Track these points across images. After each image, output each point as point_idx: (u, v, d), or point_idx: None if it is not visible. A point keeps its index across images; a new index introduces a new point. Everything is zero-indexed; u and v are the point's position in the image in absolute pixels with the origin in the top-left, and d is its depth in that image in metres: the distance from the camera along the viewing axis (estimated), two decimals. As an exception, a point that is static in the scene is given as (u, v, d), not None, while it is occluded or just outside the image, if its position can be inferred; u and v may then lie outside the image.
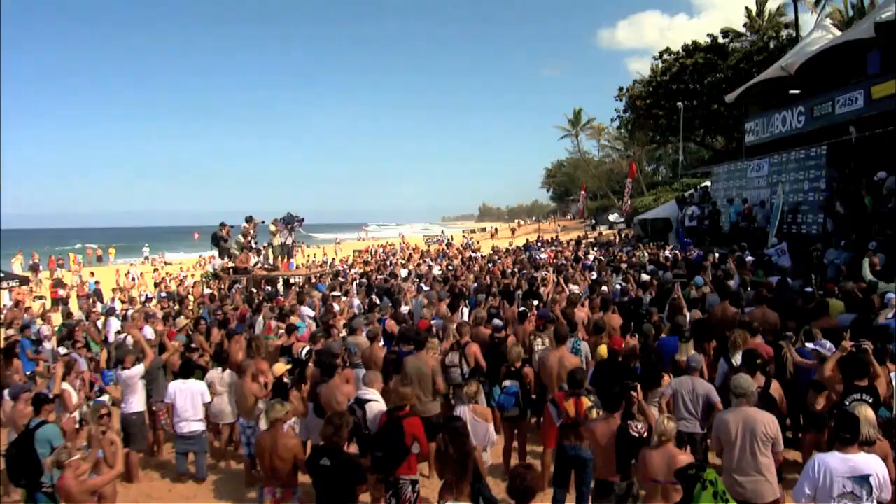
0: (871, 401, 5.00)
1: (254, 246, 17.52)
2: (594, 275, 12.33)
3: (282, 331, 9.13)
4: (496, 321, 8.36)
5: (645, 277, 11.02)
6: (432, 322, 9.37)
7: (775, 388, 5.49)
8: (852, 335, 6.73)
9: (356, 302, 12.96)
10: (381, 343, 8.47)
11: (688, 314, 8.20)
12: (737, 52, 27.45)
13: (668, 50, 29.81)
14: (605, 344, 6.82)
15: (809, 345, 6.03)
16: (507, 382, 6.76)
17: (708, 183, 23.68)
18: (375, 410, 5.94)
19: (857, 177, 13.90)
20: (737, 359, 6.34)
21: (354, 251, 35.74)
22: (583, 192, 49.37)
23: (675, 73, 28.32)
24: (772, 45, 26.51)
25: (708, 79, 27.72)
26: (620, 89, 31.90)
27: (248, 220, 17.99)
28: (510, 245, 25.80)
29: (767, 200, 17.18)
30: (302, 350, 7.74)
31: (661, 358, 6.99)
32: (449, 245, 30.33)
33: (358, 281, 16.36)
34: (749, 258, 12.97)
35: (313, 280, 17.59)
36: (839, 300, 8.33)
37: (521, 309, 9.03)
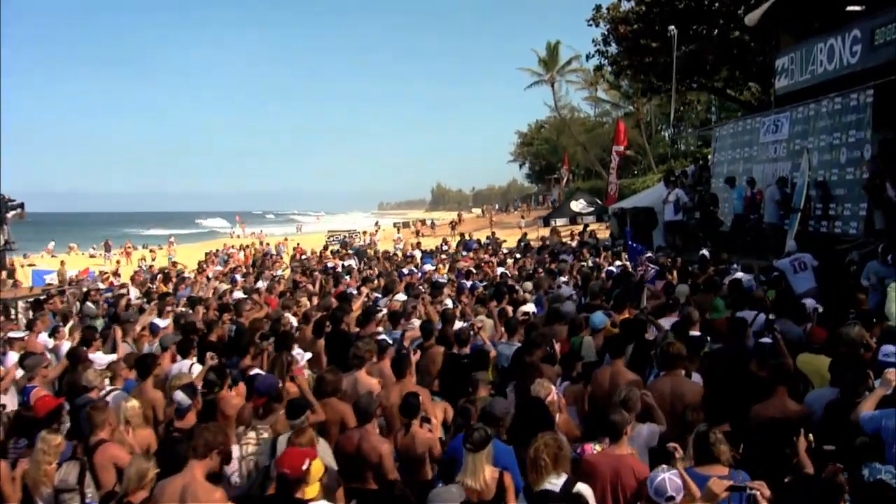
0: None
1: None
2: (448, 303, 11.19)
3: None
4: (178, 396, 6.79)
5: (529, 308, 9.84)
6: (110, 396, 7.83)
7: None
8: (822, 437, 5.80)
9: (65, 347, 11.18)
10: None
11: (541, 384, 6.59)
12: (774, -52, 26.42)
13: (671, -53, 28.56)
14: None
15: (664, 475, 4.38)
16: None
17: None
18: None
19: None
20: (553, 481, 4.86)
21: (208, 253, 34.62)
22: (565, 168, 48.46)
23: (679, -18, 27.09)
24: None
25: (729, -8, 26.66)
26: (597, 9, 30.44)
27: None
28: (416, 246, 24.51)
29: (788, 179, 16.38)
30: None
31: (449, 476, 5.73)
32: (325, 248, 28.84)
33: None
34: (736, 275, 12.14)
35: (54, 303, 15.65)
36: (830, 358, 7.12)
37: (255, 372, 7.46)
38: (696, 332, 8.40)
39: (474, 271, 15.75)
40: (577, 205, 28.04)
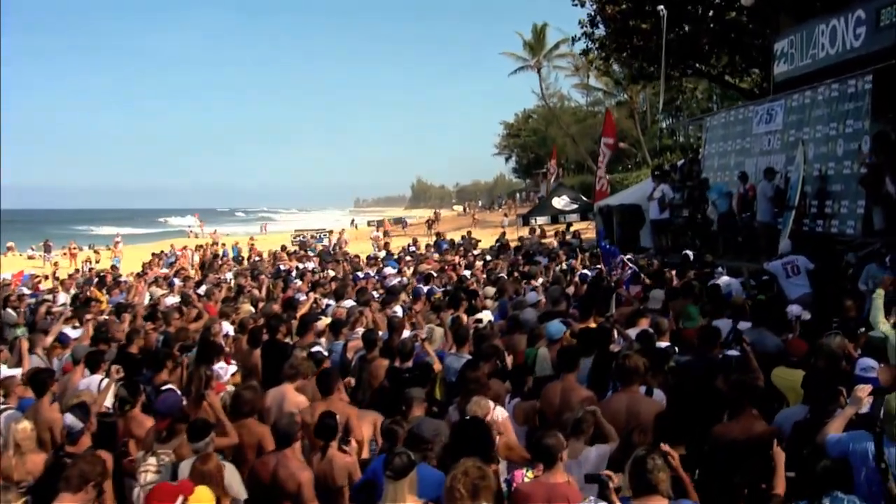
0: None
1: None
2: (398, 310, 11.30)
3: None
4: (69, 419, 6.61)
5: (485, 316, 10.10)
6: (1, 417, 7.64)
7: None
8: (789, 460, 5.43)
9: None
10: None
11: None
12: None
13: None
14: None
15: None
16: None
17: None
18: None
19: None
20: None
21: (154, 254, 34.62)
22: (552, 162, 48.18)
23: (671, -42, 27.06)
24: None
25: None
26: (582, -12, 30.29)
27: None
28: (384, 246, 24.47)
29: (781, 173, 16.28)
30: None
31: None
32: (281, 249, 28.86)
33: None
34: (721, 280, 12.24)
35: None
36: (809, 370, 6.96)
37: (167, 388, 7.25)
38: (664, 343, 8.27)
39: (435, 275, 15.64)
40: (560, 202, 27.82)
